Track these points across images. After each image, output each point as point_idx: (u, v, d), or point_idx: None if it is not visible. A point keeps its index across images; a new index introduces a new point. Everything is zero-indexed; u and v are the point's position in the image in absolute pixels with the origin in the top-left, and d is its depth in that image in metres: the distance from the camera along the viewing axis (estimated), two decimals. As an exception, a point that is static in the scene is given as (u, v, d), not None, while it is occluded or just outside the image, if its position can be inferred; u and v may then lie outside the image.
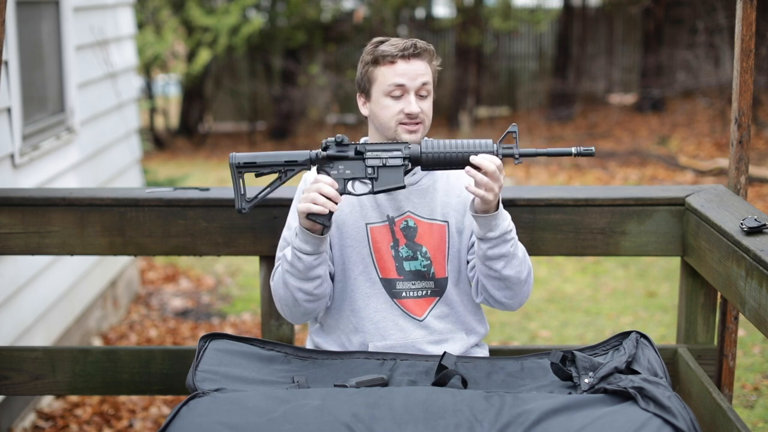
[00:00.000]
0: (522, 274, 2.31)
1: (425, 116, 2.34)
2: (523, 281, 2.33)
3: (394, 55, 2.31)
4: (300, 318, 2.38)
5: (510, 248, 2.27)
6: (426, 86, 2.33)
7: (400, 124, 2.32)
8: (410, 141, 2.32)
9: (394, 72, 2.31)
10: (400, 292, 2.36)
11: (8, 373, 2.84)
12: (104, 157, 5.29)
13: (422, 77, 2.32)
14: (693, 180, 9.02)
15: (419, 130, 2.33)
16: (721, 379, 2.80)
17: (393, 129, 2.33)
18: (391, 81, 2.31)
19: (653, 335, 4.86)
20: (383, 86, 2.32)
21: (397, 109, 2.32)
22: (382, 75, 2.32)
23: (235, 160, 2.29)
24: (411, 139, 2.32)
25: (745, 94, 2.65)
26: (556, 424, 1.92)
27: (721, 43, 10.51)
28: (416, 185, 2.40)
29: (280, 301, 2.35)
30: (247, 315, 5.55)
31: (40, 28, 4.53)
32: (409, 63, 2.31)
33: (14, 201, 2.81)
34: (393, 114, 2.32)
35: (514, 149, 2.23)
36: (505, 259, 2.27)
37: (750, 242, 2.27)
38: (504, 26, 12.78)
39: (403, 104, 2.31)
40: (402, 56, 2.31)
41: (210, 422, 1.92)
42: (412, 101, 2.31)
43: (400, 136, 2.32)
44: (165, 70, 12.64)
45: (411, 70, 2.31)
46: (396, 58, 2.31)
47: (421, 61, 2.33)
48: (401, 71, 2.31)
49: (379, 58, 2.32)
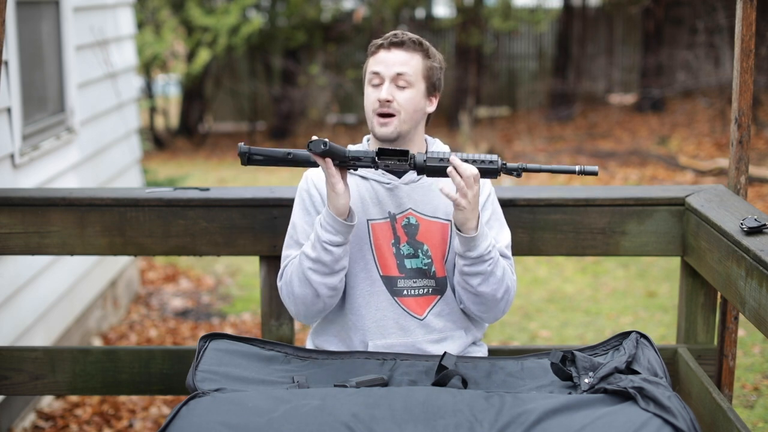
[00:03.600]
0: (498, 292, 2.31)
1: (400, 108, 2.31)
2: (499, 299, 2.33)
3: (378, 44, 2.35)
4: (314, 316, 2.37)
5: (487, 267, 2.27)
6: (403, 76, 2.31)
7: (375, 114, 2.32)
8: (381, 134, 2.31)
9: (374, 60, 2.34)
10: (401, 290, 2.35)
11: (8, 373, 2.84)
12: (104, 157, 5.29)
13: (399, 67, 2.30)
14: (693, 180, 9.02)
15: (391, 123, 2.31)
16: (721, 379, 2.80)
17: (371, 119, 2.34)
18: (370, 69, 2.34)
19: (653, 335, 4.86)
20: (366, 75, 2.36)
21: (374, 97, 2.32)
22: (368, 66, 2.36)
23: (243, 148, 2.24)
24: (382, 132, 2.31)
25: (745, 94, 2.65)
26: (556, 424, 1.92)
27: (721, 43, 10.51)
28: (418, 182, 2.39)
29: (297, 300, 2.33)
30: (247, 315, 5.55)
31: (40, 28, 4.53)
32: (389, 52, 2.32)
33: (14, 201, 2.81)
34: (370, 102, 2.33)
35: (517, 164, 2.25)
36: (481, 277, 2.28)
37: (750, 242, 2.27)
38: (504, 26, 12.78)
39: (379, 92, 2.32)
40: (382, 45, 2.34)
41: (210, 422, 1.92)
42: (384, 88, 2.30)
43: (374, 127, 2.32)
44: (165, 70, 12.64)
45: (388, 59, 2.31)
46: (378, 48, 2.34)
47: (404, 51, 2.32)
48: (380, 59, 2.33)
49: (369, 50, 2.37)
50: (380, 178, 2.38)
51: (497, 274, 2.30)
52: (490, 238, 2.29)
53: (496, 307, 2.34)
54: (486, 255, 2.26)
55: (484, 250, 2.25)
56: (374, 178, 2.38)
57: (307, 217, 2.39)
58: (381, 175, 2.38)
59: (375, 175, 2.38)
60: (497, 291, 2.31)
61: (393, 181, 2.37)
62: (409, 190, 2.38)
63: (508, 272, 2.35)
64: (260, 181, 10.10)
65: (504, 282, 2.32)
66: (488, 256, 2.27)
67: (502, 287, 2.32)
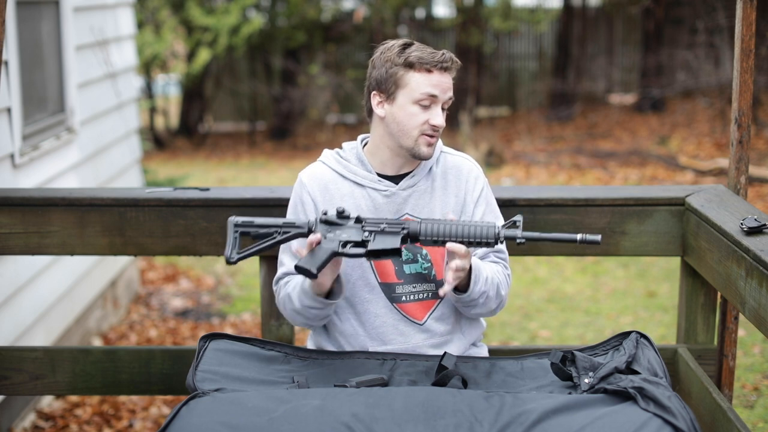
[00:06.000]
0: (491, 306, 2.34)
1: (441, 130, 2.32)
2: (492, 310, 2.36)
3: (433, 64, 2.26)
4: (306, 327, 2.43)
5: (480, 300, 2.29)
6: (450, 100, 2.32)
7: (422, 134, 2.28)
8: (427, 154, 2.30)
9: (429, 81, 2.26)
10: (400, 296, 2.34)
11: (8, 373, 2.84)
12: (104, 157, 5.29)
13: (450, 91, 2.30)
14: (693, 180, 9.02)
15: (434, 145, 2.32)
16: (721, 379, 2.80)
17: (414, 138, 2.28)
18: (424, 90, 2.26)
19: (653, 335, 4.86)
20: (414, 93, 2.26)
21: (423, 119, 2.27)
22: (416, 81, 2.26)
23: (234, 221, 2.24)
24: (428, 152, 2.30)
25: (745, 94, 2.65)
26: (556, 424, 1.92)
27: (721, 43, 10.51)
28: (414, 187, 2.37)
29: (286, 315, 2.39)
30: (247, 315, 5.55)
31: (40, 28, 4.53)
32: (443, 75, 2.28)
33: (14, 201, 2.80)
34: (418, 123, 2.27)
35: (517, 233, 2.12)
36: (473, 307, 2.32)
37: (750, 242, 2.27)
38: (504, 26, 12.78)
39: (430, 115, 2.27)
40: (439, 67, 2.27)
41: (210, 422, 1.92)
42: (439, 113, 2.28)
43: (419, 147, 2.29)
44: (165, 69, 12.64)
45: (444, 82, 2.28)
46: (434, 68, 2.26)
47: (451, 74, 2.31)
48: (436, 81, 2.26)
49: (416, 63, 2.26)
50: (377, 185, 2.35)
51: (490, 294, 2.31)
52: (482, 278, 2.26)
53: (492, 311, 2.38)
54: (479, 297, 2.28)
55: (475, 296, 2.27)
56: (371, 186, 2.35)
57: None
58: (378, 182, 2.35)
59: (372, 182, 2.35)
60: (490, 306, 2.34)
61: (390, 188, 2.35)
62: (406, 195, 2.36)
63: (501, 280, 2.35)
64: (260, 181, 10.10)
65: (498, 294, 2.34)
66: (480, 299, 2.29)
67: (495, 302, 2.34)
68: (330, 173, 2.38)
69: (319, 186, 2.36)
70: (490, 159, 10.17)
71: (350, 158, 2.39)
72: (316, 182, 2.37)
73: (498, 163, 10.22)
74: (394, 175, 2.37)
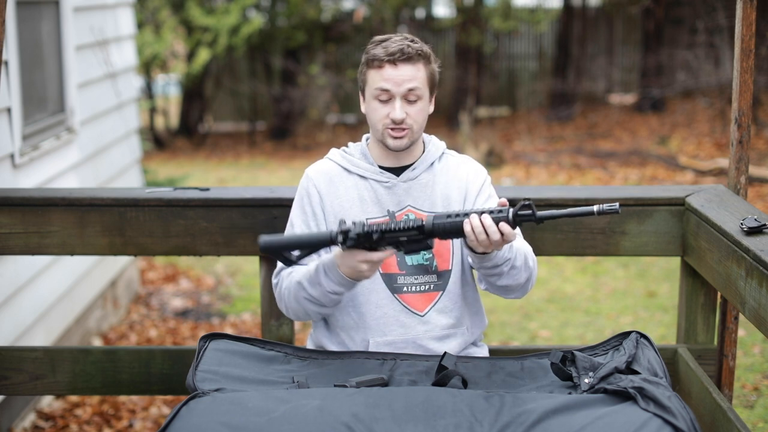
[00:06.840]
0: (520, 279, 2.30)
1: (413, 122, 2.32)
2: (522, 284, 2.32)
3: (382, 59, 2.29)
4: (305, 320, 2.42)
5: (504, 268, 2.25)
6: (414, 91, 2.30)
7: (386, 128, 2.32)
8: (394, 147, 2.33)
9: (381, 76, 2.29)
10: (401, 287, 2.35)
11: (8, 373, 2.84)
12: (104, 157, 5.29)
13: (409, 83, 2.29)
14: (693, 180, 9.02)
15: (405, 136, 2.32)
16: (721, 379, 2.80)
17: (380, 132, 2.33)
18: (377, 85, 2.30)
19: (653, 335, 4.86)
20: (371, 89, 2.32)
21: (384, 113, 2.31)
22: (371, 78, 2.32)
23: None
24: (395, 145, 2.32)
25: (745, 94, 2.65)
26: (556, 424, 1.92)
27: (721, 43, 10.51)
28: (416, 180, 2.40)
29: (289, 310, 2.38)
30: (247, 315, 5.55)
31: (40, 28, 4.53)
32: (397, 68, 2.29)
33: (14, 201, 2.81)
34: (380, 118, 2.32)
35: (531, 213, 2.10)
36: (499, 276, 2.28)
37: (750, 242, 2.27)
38: (504, 26, 12.78)
39: (389, 109, 2.31)
40: (389, 61, 2.28)
41: (210, 422, 1.92)
42: (397, 107, 2.29)
43: (387, 140, 2.33)
44: (165, 69, 12.64)
45: (397, 76, 2.28)
46: (384, 63, 2.29)
47: (411, 65, 2.29)
48: (387, 76, 2.29)
49: (369, 60, 2.32)
50: (379, 177, 2.38)
51: (517, 265, 2.27)
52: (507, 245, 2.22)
53: (522, 287, 2.34)
54: (502, 266, 2.24)
55: (498, 262, 2.23)
56: (373, 177, 2.39)
57: (304, 216, 2.40)
58: (379, 174, 2.38)
59: (374, 174, 2.38)
60: (519, 279, 2.30)
61: (391, 180, 2.38)
62: (407, 187, 2.39)
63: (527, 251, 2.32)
64: (260, 181, 10.10)
65: (526, 266, 2.30)
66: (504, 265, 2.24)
67: (524, 274, 2.30)
68: (335, 168, 2.42)
69: (325, 179, 2.40)
70: (490, 159, 10.18)
71: (354, 153, 2.44)
72: (321, 176, 2.41)
73: (498, 163, 10.23)
74: (394, 167, 2.40)
